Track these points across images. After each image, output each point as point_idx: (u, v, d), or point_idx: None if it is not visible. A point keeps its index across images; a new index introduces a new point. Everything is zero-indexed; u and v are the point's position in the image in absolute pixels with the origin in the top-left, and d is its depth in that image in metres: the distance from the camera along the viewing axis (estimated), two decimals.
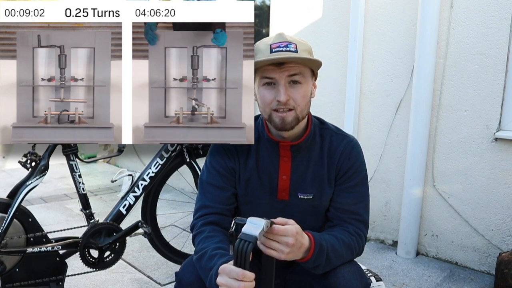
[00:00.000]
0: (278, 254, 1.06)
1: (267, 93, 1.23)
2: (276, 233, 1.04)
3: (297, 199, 1.32)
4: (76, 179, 2.03)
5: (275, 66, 1.20)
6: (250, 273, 0.98)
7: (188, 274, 1.23)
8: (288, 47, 1.20)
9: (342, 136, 1.36)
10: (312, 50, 1.27)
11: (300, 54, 1.20)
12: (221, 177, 1.34)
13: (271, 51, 1.20)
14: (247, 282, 0.98)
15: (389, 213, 2.93)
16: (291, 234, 1.05)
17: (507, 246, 2.42)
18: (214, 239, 1.24)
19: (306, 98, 1.24)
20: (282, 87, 1.20)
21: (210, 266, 1.14)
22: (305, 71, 1.23)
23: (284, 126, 1.23)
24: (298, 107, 1.23)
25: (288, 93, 1.21)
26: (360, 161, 1.34)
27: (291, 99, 1.21)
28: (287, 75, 1.20)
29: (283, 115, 1.22)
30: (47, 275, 1.97)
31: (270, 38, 1.25)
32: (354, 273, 1.22)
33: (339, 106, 3.07)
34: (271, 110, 1.24)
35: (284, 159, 1.32)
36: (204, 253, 1.19)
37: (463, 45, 2.49)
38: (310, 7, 3.15)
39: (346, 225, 1.28)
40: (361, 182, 1.33)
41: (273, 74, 1.21)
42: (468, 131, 2.52)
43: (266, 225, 1.01)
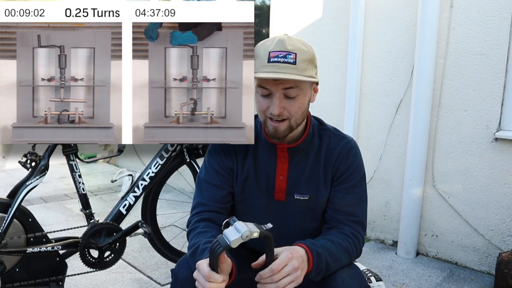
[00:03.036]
0: (298, 282, 1.06)
1: (263, 101, 1.22)
2: (278, 270, 1.04)
3: (294, 200, 1.32)
4: (76, 179, 2.03)
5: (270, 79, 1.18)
6: (217, 275, 1.00)
7: (183, 270, 1.23)
8: (287, 57, 1.17)
9: (340, 137, 1.35)
10: (314, 57, 1.23)
11: (299, 65, 1.17)
12: (219, 175, 1.34)
13: (269, 60, 1.17)
14: (213, 283, 1.00)
15: (389, 213, 2.93)
16: (289, 259, 1.05)
17: (507, 246, 2.42)
18: (207, 234, 1.24)
19: (301, 109, 1.23)
20: (276, 99, 1.19)
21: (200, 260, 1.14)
22: (302, 83, 1.20)
23: (276, 135, 1.23)
24: (292, 117, 1.22)
25: (283, 104, 1.19)
26: (358, 162, 1.33)
27: (286, 110, 1.20)
28: (282, 88, 1.18)
29: (276, 124, 1.22)
30: (47, 275, 1.97)
31: (271, 42, 1.21)
32: (353, 277, 1.20)
33: (339, 106, 3.07)
34: (266, 117, 1.24)
35: (282, 159, 1.32)
36: (196, 248, 1.19)
37: (463, 45, 2.49)
38: (310, 7, 3.15)
39: (343, 227, 1.27)
40: (359, 183, 1.32)
41: (268, 85, 1.19)
42: (468, 131, 2.52)
43: (249, 233, 0.97)
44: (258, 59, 1.20)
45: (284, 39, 1.20)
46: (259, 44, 1.25)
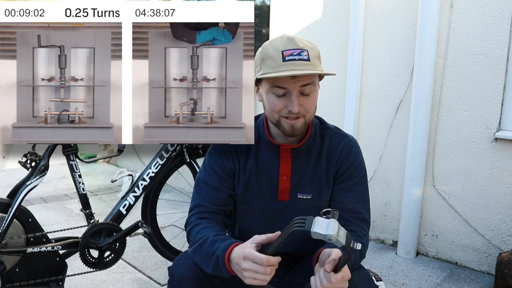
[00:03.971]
0: None
1: (277, 101, 1.22)
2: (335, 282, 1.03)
3: (297, 200, 1.32)
4: (76, 179, 2.03)
5: (289, 76, 1.18)
6: (274, 258, 1.02)
7: (179, 268, 1.23)
8: (301, 55, 1.18)
9: (341, 135, 1.36)
10: (320, 54, 1.25)
11: (312, 62, 1.19)
12: (219, 178, 1.34)
13: (284, 59, 1.18)
14: (273, 266, 1.02)
15: (389, 213, 2.93)
16: (348, 276, 1.05)
17: (507, 246, 2.42)
18: (213, 229, 1.24)
19: (315, 104, 1.25)
20: (295, 98, 1.19)
21: (213, 250, 1.15)
22: (315, 79, 1.24)
23: (293, 133, 1.24)
24: (307, 113, 1.23)
25: (301, 102, 1.20)
26: (359, 160, 1.34)
27: (302, 107, 1.21)
28: (300, 85, 1.19)
29: (293, 122, 1.22)
30: (47, 275, 1.97)
31: (280, 41, 1.21)
32: (362, 277, 1.21)
33: (339, 106, 3.07)
34: (281, 117, 1.23)
35: (285, 160, 1.32)
36: (204, 241, 1.19)
37: (463, 45, 2.49)
38: (310, 7, 3.15)
39: (350, 226, 1.27)
40: (361, 181, 1.33)
41: (286, 84, 1.19)
42: (468, 131, 2.52)
43: (334, 239, 0.93)
44: (271, 60, 1.19)
45: (293, 37, 1.21)
46: (266, 45, 1.24)
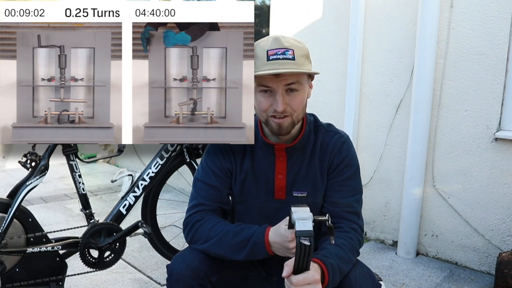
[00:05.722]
0: None
1: (264, 100, 1.24)
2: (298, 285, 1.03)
3: (293, 198, 1.33)
4: (76, 179, 2.03)
5: (273, 75, 1.20)
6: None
7: (178, 265, 1.24)
8: (285, 54, 1.19)
9: (333, 132, 1.37)
10: (309, 53, 1.27)
11: (298, 61, 1.20)
12: (216, 177, 1.35)
13: (268, 58, 1.20)
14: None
15: (389, 213, 2.93)
16: (314, 281, 1.05)
17: (507, 246, 2.42)
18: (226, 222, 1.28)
19: (302, 104, 1.26)
20: (279, 96, 1.21)
21: (245, 237, 1.19)
22: (302, 78, 1.24)
23: (280, 132, 1.25)
24: (294, 113, 1.24)
25: (285, 101, 1.22)
26: (351, 155, 1.35)
27: (288, 106, 1.22)
28: (284, 84, 1.21)
29: (280, 121, 1.24)
30: (47, 275, 1.97)
31: (267, 41, 1.24)
32: (365, 275, 1.22)
33: (339, 106, 3.07)
34: (268, 116, 1.25)
35: (280, 158, 1.33)
36: (226, 233, 1.23)
37: (463, 45, 2.49)
38: (310, 7, 3.15)
39: (340, 223, 1.28)
40: (353, 175, 1.34)
41: (270, 83, 1.21)
42: (468, 131, 2.52)
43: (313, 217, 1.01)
44: (257, 59, 1.22)
45: (279, 37, 1.23)
46: (256, 43, 1.27)
